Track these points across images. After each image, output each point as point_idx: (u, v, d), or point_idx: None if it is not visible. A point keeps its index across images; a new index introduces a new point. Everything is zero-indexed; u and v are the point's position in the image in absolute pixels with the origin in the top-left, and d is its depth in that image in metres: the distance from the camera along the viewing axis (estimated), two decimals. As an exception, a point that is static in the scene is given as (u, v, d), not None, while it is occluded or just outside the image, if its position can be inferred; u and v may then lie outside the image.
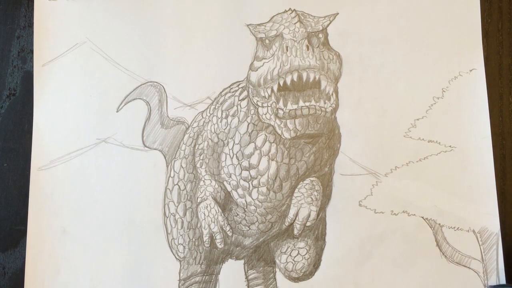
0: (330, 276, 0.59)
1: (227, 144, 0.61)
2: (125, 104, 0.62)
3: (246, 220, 0.61)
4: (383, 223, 0.59)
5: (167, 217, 0.61)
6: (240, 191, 0.60)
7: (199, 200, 0.61)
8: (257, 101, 0.61)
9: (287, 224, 0.60)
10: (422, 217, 0.59)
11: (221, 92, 0.62)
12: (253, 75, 0.61)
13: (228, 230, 0.61)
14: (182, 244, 0.61)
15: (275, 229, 0.61)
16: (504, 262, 0.58)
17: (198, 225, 0.61)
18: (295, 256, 0.60)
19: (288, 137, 0.60)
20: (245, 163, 0.60)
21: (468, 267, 0.58)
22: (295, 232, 0.60)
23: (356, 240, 0.59)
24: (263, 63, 0.61)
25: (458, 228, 0.59)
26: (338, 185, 0.60)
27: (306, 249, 0.60)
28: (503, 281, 0.58)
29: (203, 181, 0.61)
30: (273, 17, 0.62)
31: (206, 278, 0.60)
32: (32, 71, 0.62)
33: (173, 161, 0.62)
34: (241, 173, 0.60)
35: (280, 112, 0.60)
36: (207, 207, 0.61)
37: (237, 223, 0.61)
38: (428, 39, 0.61)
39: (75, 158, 0.62)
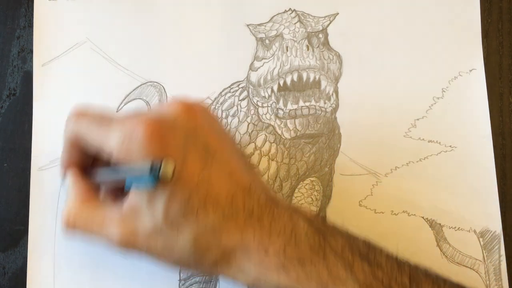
0: (330, 276, 0.59)
1: (227, 144, 0.61)
2: (125, 104, 0.62)
3: (246, 220, 0.61)
4: (383, 223, 0.59)
5: (167, 217, 0.61)
6: (240, 191, 0.60)
7: (199, 200, 0.61)
8: (257, 101, 0.61)
9: (287, 224, 0.60)
10: (423, 217, 0.59)
11: (221, 92, 0.62)
12: (253, 75, 0.61)
13: (228, 230, 0.61)
14: (182, 244, 0.61)
15: (275, 229, 0.61)
16: (506, 262, 0.58)
17: (198, 225, 0.61)
18: (295, 256, 0.60)
19: (288, 137, 0.60)
20: (245, 163, 0.60)
21: (470, 268, 0.58)
22: (295, 232, 0.60)
23: (356, 240, 0.59)
24: (263, 63, 0.61)
25: (459, 228, 0.59)
26: (338, 185, 0.60)
27: (306, 249, 0.60)
28: (505, 281, 0.57)
29: (203, 181, 0.61)
30: (273, 17, 0.62)
31: (206, 278, 0.60)
32: (32, 71, 0.62)
33: (173, 161, 0.62)
34: (241, 173, 0.60)
35: (280, 112, 0.60)
36: (207, 207, 0.61)
37: (237, 223, 0.61)
38: (428, 39, 0.61)
39: (75, 158, 0.61)
